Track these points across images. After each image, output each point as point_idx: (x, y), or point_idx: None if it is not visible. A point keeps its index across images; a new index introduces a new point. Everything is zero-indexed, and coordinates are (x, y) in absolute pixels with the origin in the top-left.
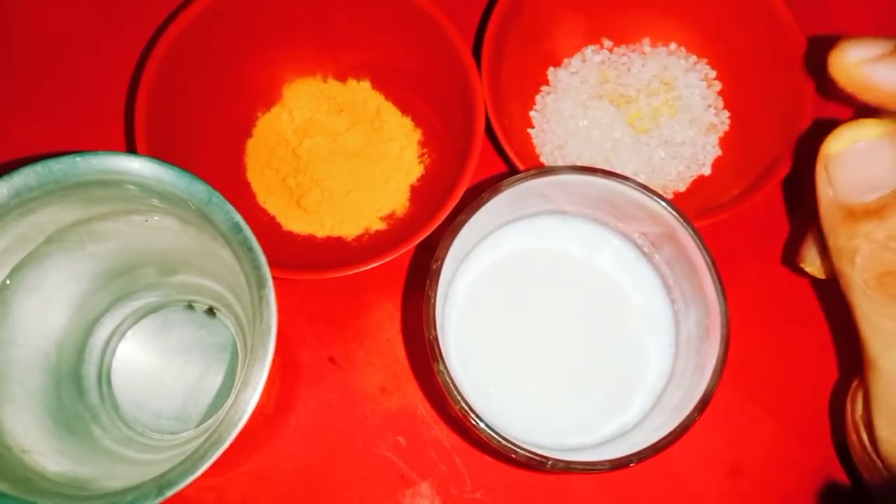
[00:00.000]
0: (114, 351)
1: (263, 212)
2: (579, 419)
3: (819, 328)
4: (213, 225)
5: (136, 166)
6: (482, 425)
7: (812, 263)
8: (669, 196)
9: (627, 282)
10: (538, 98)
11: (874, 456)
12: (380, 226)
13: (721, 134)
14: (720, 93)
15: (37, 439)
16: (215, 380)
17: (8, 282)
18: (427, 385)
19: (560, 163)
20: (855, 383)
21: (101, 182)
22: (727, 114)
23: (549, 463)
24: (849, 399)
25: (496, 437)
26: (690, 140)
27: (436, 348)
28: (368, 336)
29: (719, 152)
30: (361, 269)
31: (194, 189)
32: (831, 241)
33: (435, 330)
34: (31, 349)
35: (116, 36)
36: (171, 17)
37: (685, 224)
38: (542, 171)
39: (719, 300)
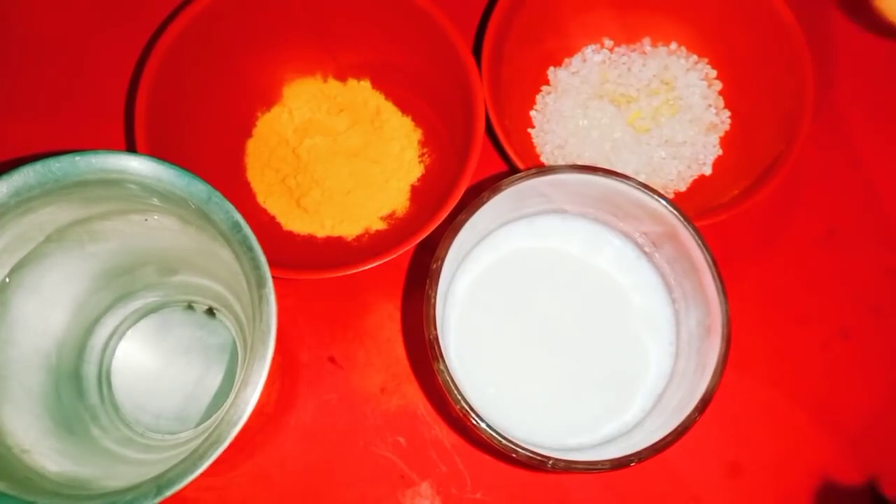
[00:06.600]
0: (114, 351)
1: (263, 212)
2: (580, 419)
3: (819, 328)
4: (213, 224)
5: (136, 165)
6: (483, 425)
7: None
8: (670, 196)
9: (628, 281)
10: (538, 98)
11: None
12: (380, 226)
13: (721, 133)
14: (721, 92)
15: (36, 439)
16: (215, 380)
17: (7, 280)
18: (427, 385)
19: (560, 162)
20: None
21: (101, 181)
22: (728, 113)
23: (550, 463)
24: None
25: (497, 436)
26: (691, 140)
27: (436, 348)
28: (368, 336)
29: (720, 152)
30: (361, 269)
31: (194, 188)
32: None
33: (435, 329)
34: (30, 349)
35: (117, 35)
36: (172, 17)
37: (686, 223)
38: (543, 170)
39: (720, 299)
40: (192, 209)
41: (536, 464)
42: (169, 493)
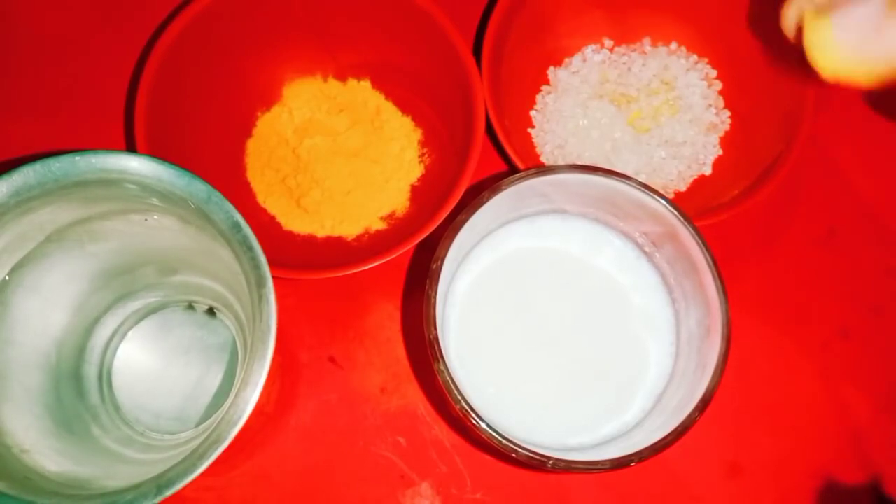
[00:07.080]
0: (114, 352)
1: (263, 212)
2: (580, 419)
3: (819, 328)
4: (213, 224)
5: (136, 165)
6: (483, 425)
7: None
8: (670, 196)
9: (628, 281)
10: (538, 97)
11: None
12: (380, 225)
13: (722, 133)
14: (721, 92)
15: (36, 439)
16: (215, 380)
17: (7, 280)
18: (427, 385)
19: (560, 162)
20: None
21: (101, 181)
22: (728, 113)
23: (550, 463)
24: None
25: (497, 436)
26: (691, 140)
27: (436, 348)
28: (368, 336)
29: (720, 152)
30: (361, 269)
31: (194, 188)
32: None
33: (435, 329)
34: (30, 349)
35: (116, 36)
36: (172, 17)
37: (686, 223)
38: (542, 170)
39: (720, 299)
40: (192, 209)
41: (536, 464)
42: (169, 492)
